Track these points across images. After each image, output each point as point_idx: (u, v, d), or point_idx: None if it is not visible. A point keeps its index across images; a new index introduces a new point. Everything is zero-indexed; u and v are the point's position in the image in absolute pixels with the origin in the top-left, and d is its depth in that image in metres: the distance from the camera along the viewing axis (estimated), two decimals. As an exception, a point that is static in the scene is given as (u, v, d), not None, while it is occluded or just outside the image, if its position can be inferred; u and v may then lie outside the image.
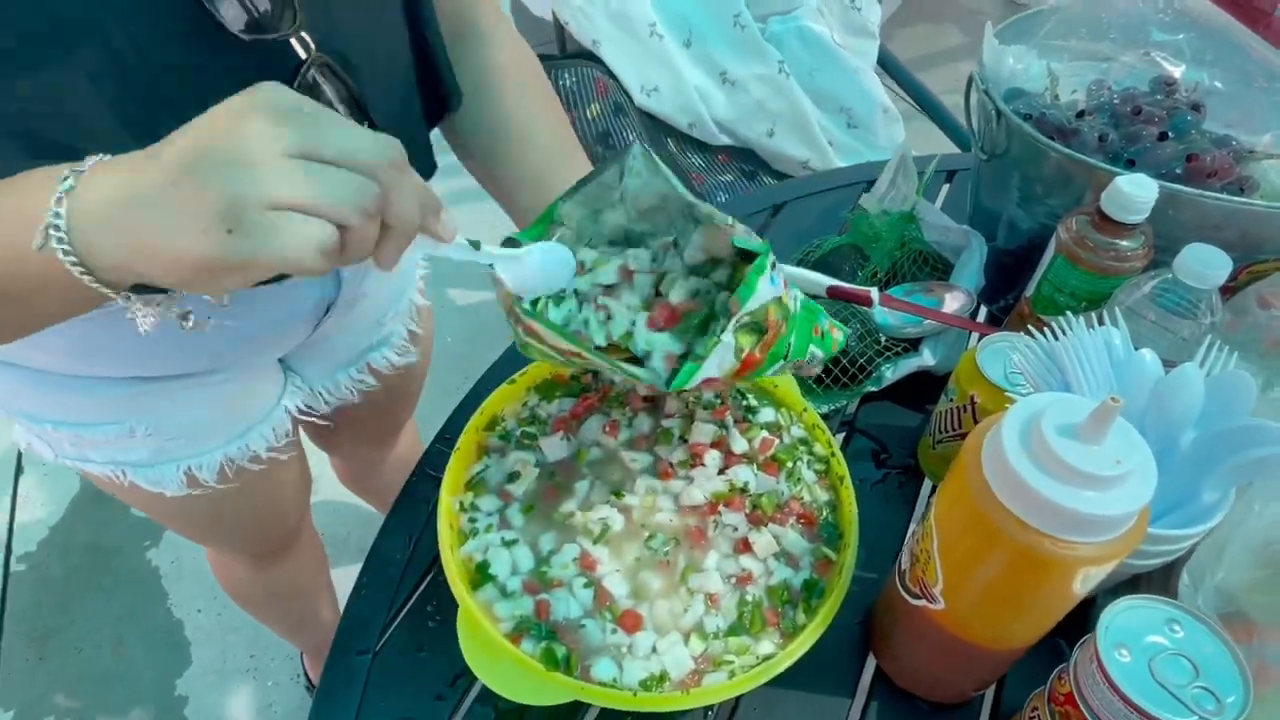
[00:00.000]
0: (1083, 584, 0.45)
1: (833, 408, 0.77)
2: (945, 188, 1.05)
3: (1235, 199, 0.63)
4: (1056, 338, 0.57)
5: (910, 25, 2.91)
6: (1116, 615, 0.48)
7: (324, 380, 0.83)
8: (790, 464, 0.63)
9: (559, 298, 0.54)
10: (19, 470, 1.73)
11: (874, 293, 0.77)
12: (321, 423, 0.84)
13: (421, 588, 0.65)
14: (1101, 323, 0.58)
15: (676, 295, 0.53)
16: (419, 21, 0.60)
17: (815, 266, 0.83)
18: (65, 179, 0.36)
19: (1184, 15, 0.69)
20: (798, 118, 1.31)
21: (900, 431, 0.77)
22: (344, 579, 1.50)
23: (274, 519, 0.92)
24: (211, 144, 0.34)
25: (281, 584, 1.07)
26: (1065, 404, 0.44)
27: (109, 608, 1.54)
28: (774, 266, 0.49)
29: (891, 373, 0.76)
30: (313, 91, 0.51)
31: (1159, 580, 0.58)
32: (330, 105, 0.52)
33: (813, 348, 0.55)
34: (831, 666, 0.62)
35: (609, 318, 0.54)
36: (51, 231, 0.35)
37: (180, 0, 0.43)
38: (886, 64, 1.51)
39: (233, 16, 0.45)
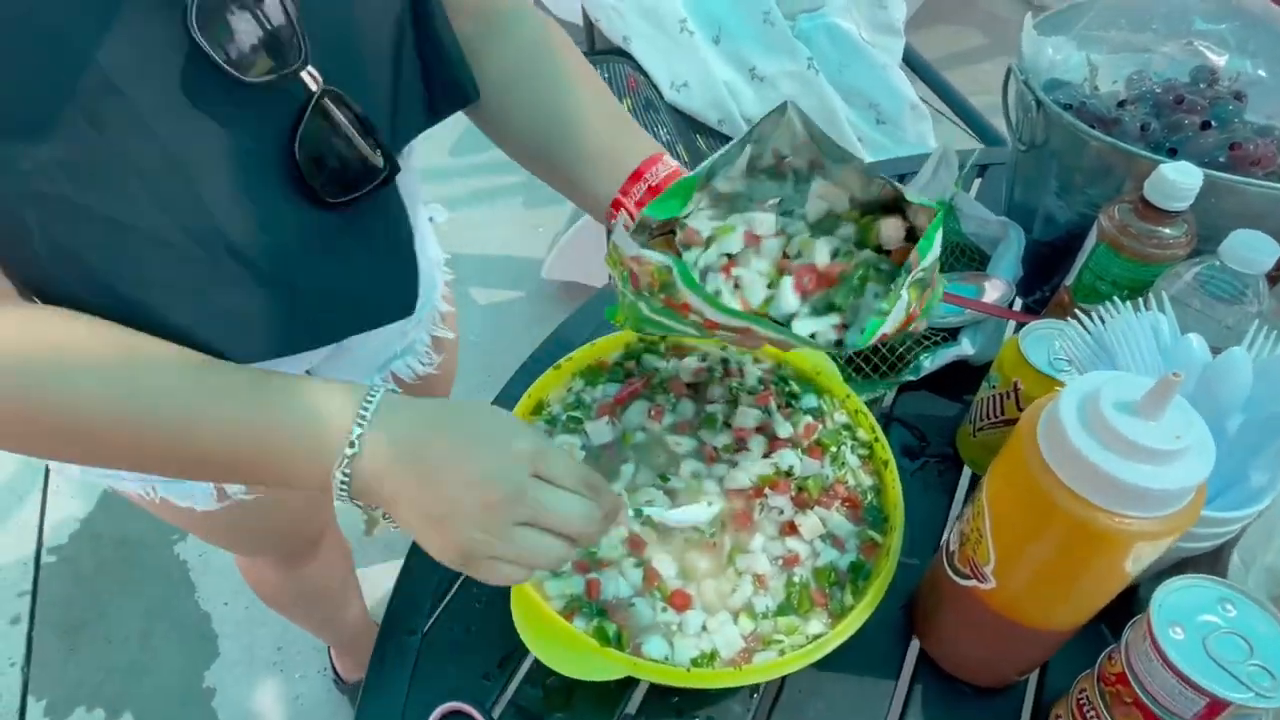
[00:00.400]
0: (1136, 561, 0.46)
1: (872, 397, 0.78)
2: (977, 182, 1.06)
3: (1277, 186, 0.63)
4: (1104, 323, 0.58)
5: (929, 27, 2.91)
6: (1170, 594, 0.48)
7: None
8: (834, 449, 0.64)
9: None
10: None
11: (912, 283, 0.77)
12: None
13: (468, 569, 0.66)
14: (1148, 308, 0.59)
15: (821, 257, 0.53)
16: (426, 18, 0.58)
17: (852, 257, 0.83)
18: (345, 460, 0.46)
19: (1228, 4, 0.69)
20: (826, 114, 1.32)
21: (939, 421, 0.78)
22: (370, 575, 1.52)
23: (298, 526, 0.92)
24: (464, 510, 0.46)
25: (308, 584, 1.07)
26: (1122, 381, 0.44)
27: (138, 600, 1.56)
28: None
29: (930, 362, 0.76)
30: (327, 121, 0.51)
31: (1207, 564, 0.58)
32: (343, 133, 0.52)
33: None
34: (876, 650, 0.62)
35: (737, 286, 0.54)
36: (339, 487, 0.47)
37: (182, 48, 0.44)
38: (912, 62, 1.51)
39: (237, 60, 0.45)
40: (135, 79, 0.43)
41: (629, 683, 0.59)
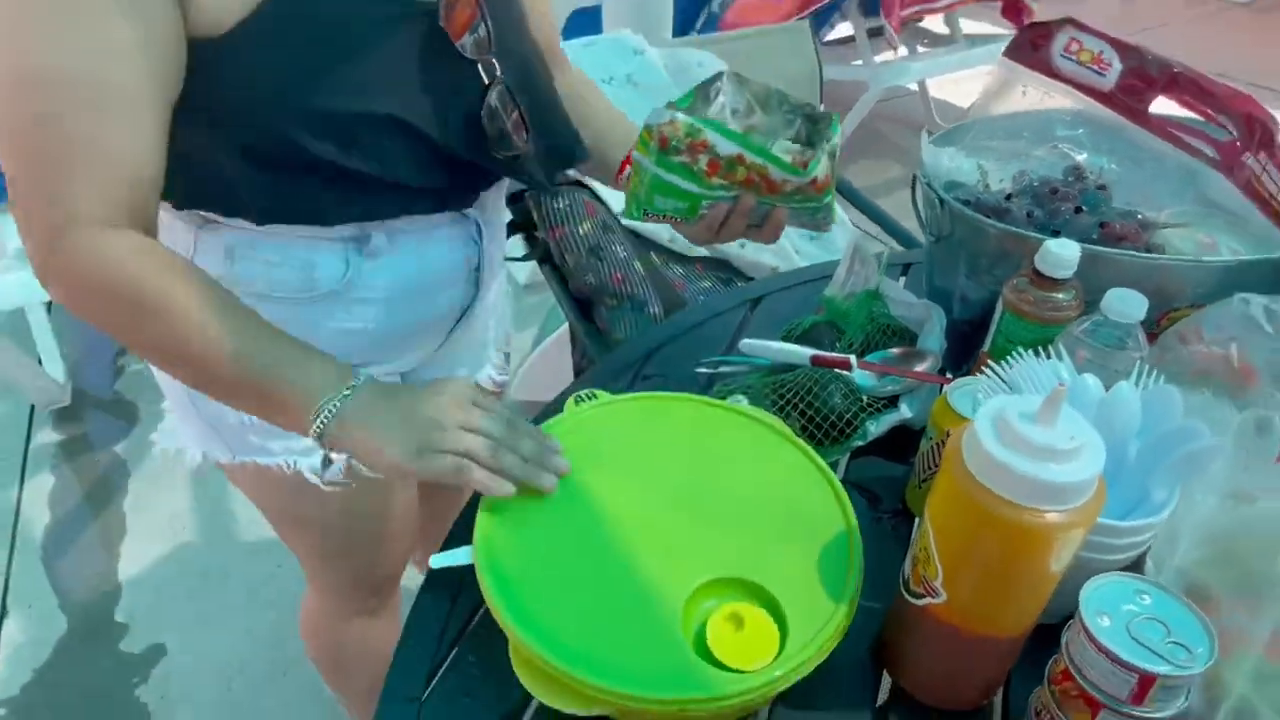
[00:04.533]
0: (1059, 554, 0.53)
1: (827, 463, 0.85)
2: (902, 279, 1.18)
3: (1145, 255, 0.76)
4: (1012, 368, 0.67)
5: (854, 162, 3.21)
6: (1095, 589, 0.55)
7: None
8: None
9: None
10: (4, 612, 1.71)
11: (852, 359, 0.87)
12: None
13: (464, 638, 0.70)
14: (1049, 357, 0.69)
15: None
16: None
17: (797, 341, 0.93)
18: (330, 404, 0.65)
19: (1081, 114, 0.85)
20: (765, 230, 1.47)
21: (888, 481, 0.85)
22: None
23: (392, 541, 1.00)
24: (422, 413, 0.66)
25: (372, 643, 1.10)
26: (1024, 400, 0.53)
27: (94, 751, 1.48)
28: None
29: (875, 427, 0.85)
30: (502, 99, 0.74)
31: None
32: (507, 124, 0.75)
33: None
34: (849, 688, 0.67)
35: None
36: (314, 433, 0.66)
37: (428, 27, 0.68)
38: (838, 185, 1.69)
39: (464, 42, 0.70)
40: (388, 47, 0.68)
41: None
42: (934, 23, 3.84)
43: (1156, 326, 0.81)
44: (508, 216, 0.96)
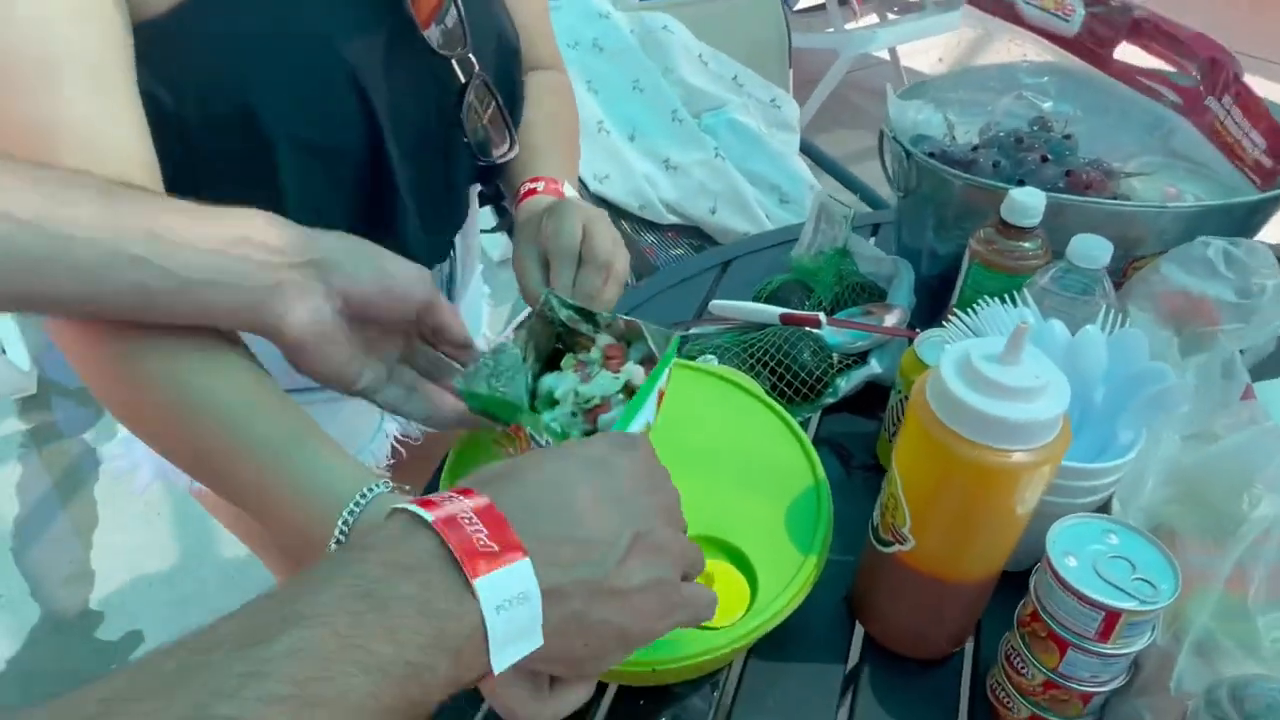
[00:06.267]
0: (1025, 496, 0.53)
1: (798, 421, 0.85)
2: (872, 239, 1.18)
3: (1109, 202, 0.75)
4: (978, 315, 0.67)
5: (827, 131, 3.20)
6: (1063, 530, 0.55)
7: None
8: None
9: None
10: (-28, 608, 1.68)
11: (822, 316, 0.86)
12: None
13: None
14: (1015, 305, 0.68)
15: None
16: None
17: (767, 301, 0.92)
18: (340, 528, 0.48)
19: (1045, 61, 0.84)
20: (736, 196, 1.46)
21: (860, 436, 0.85)
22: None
23: None
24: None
25: None
26: (988, 341, 0.53)
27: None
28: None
29: (845, 383, 0.85)
30: (481, 96, 0.68)
31: (1097, 518, 0.65)
32: (488, 109, 0.69)
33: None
34: (824, 639, 0.67)
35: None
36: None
37: (395, 18, 0.60)
38: (808, 151, 1.69)
39: (431, 35, 0.62)
40: (345, 35, 0.58)
41: (598, 691, 0.62)
42: (904, -10, 3.82)
43: (1123, 276, 0.81)
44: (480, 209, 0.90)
